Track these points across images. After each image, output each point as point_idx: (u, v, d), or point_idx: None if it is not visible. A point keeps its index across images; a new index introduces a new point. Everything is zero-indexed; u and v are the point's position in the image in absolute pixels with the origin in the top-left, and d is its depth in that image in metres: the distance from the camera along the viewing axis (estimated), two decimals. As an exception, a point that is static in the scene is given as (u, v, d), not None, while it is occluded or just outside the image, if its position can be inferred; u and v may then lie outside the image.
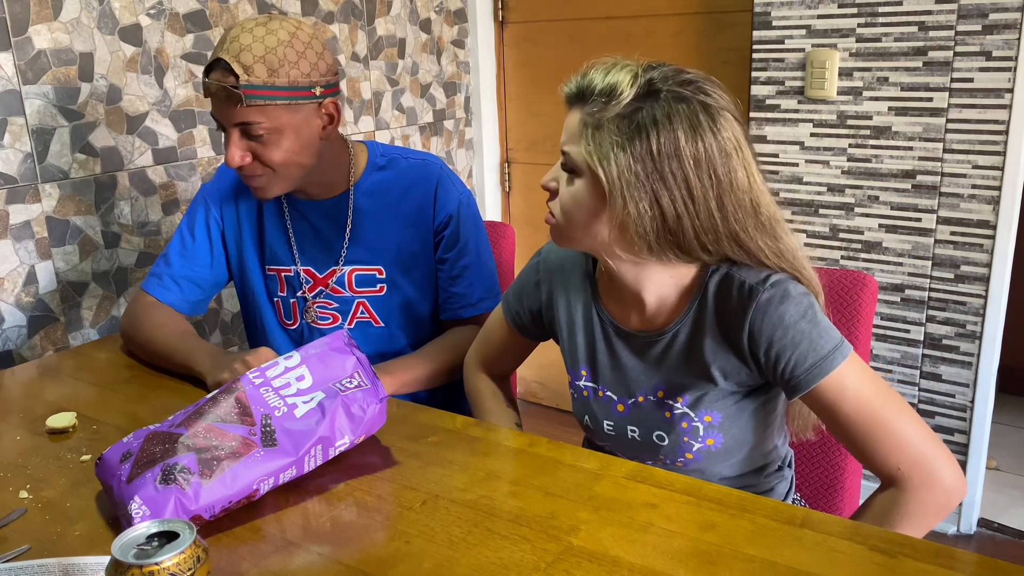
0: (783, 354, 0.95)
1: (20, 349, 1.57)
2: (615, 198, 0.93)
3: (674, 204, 0.93)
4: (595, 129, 0.94)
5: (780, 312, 0.95)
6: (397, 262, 1.39)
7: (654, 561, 0.79)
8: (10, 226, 1.53)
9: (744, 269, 0.99)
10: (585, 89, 0.97)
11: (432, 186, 1.39)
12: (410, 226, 1.39)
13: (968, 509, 2.12)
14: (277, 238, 1.41)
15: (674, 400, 1.04)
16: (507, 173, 2.81)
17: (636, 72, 0.94)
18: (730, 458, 1.06)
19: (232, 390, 0.96)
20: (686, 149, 0.91)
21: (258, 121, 1.20)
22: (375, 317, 1.41)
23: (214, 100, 1.22)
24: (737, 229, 0.95)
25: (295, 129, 1.24)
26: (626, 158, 0.92)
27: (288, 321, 1.43)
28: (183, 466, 0.86)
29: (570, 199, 0.98)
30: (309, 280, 1.40)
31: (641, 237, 0.94)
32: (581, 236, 1.00)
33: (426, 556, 0.82)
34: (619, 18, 2.45)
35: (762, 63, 2.10)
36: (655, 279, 1.02)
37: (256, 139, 1.22)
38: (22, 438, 1.11)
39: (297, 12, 2.02)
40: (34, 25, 1.52)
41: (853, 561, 0.78)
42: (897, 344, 2.09)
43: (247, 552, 0.84)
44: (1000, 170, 1.87)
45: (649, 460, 1.08)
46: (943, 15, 1.84)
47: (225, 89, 1.18)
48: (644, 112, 0.92)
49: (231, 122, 1.21)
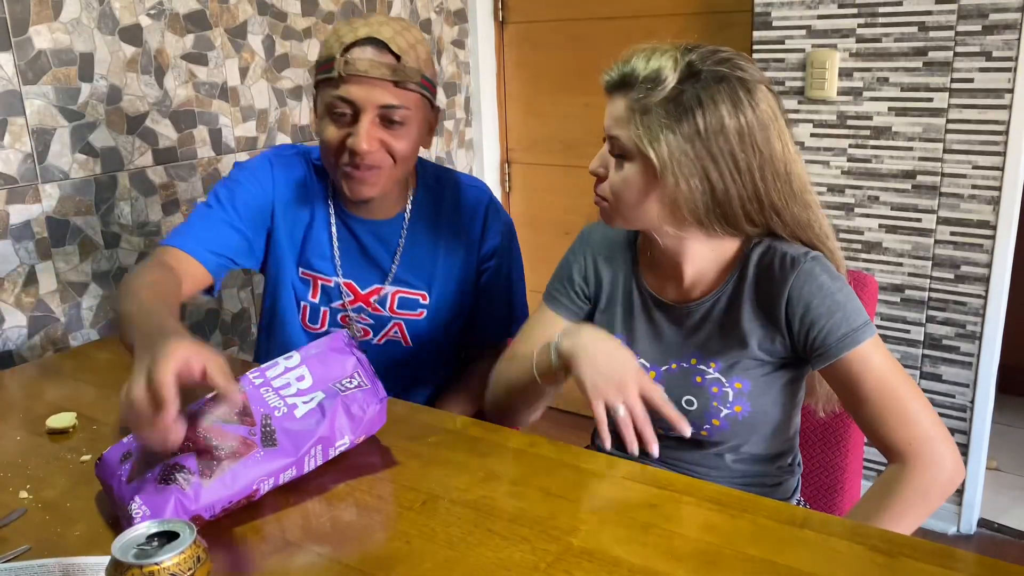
0: (817, 322, 1.01)
1: (20, 349, 1.57)
2: (667, 177, 0.99)
3: (722, 178, 0.99)
4: (643, 114, 0.98)
5: (820, 282, 1.01)
6: (442, 289, 1.39)
7: (654, 561, 0.79)
8: (10, 226, 1.53)
9: (785, 243, 1.05)
10: (629, 76, 1.01)
11: (481, 215, 1.40)
12: (456, 252, 1.39)
13: (968, 509, 2.12)
14: (320, 247, 1.36)
15: (706, 366, 1.09)
16: (507, 173, 2.81)
17: (676, 56, 0.99)
18: (754, 432, 1.09)
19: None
20: (730, 125, 0.97)
21: (404, 106, 1.20)
22: (406, 338, 1.40)
23: (354, 80, 1.17)
24: (775, 198, 1.01)
25: (418, 125, 1.25)
26: (676, 139, 0.97)
27: (313, 325, 1.40)
28: (183, 466, 0.86)
29: (621, 181, 1.03)
30: (350, 294, 1.37)
31: (691, 212, 1.00)
32: (632, 215, 1.05)
33: (426, 556, 0.82)
34: (619, 18, 2.45)
35: (762, 63, 2.09)
36: (698, 252, 1.07)
37: (391, 125, 1.21)
38: (22, 438, 1.10)
39: (297, 12, 2.02)
40: (34, 25, 1.52)
41: (853, 561, 0.78)
42: (897, 344, 2.09)
43: (247, 552, 0.84)
44: (1000, 170, 1.87)
45: (673, 431, 1.09)
46: (943, 15, 1.84)
47: (381, 67, 1.17)
48: (688, 94, 0.97)
49: (376, 102, 1.18)
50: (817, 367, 1.04)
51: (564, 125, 2.65)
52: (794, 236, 1.05)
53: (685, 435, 1.01)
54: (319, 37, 2.09)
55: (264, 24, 1.95)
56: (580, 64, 2.53)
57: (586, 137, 2.56)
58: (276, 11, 1.97)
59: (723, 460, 1.11)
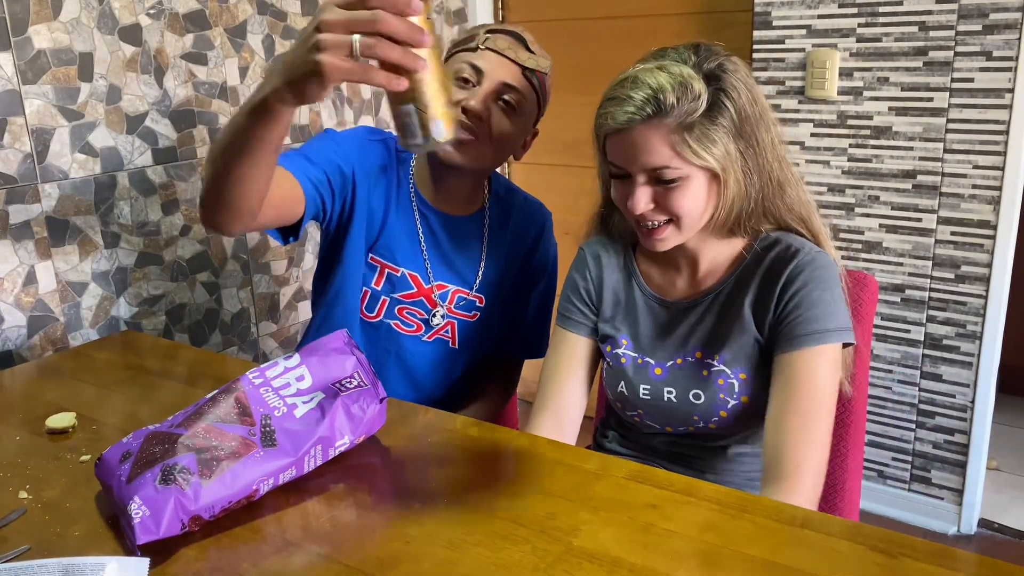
0: (798, 307, 1.03)
1: (20, 349, 1.57)
2: (728, 179, 1.02)
3: (759, 160, 1.03)
4: (688, 131, 0.98)
5: (817, 275, 1.03)
6: (497, 295, 1.43)
7: (654, 561, 0.79)
8: (10, 226, 1.53)
9: (792, 237, 1.08)
10: (661, 103, 0.98)
11: (539, 232, 1.47)
12: (515, 265, 1.45)
13: (968, 509, 2.12)
14: (396, 234, 1.37)
15: (711, 358, 1.09)
16: (507, 173, 2.81)
17: (685, 66, 1.00)
18: (756, 423, 1.09)
19: (232, 390, 0.96)
20: (751, 106, 1.02)
21: (522, 92, 1.29)
22: (455, 339, 1.42)
23: (491, 55, 1.27)
24: (786, 176, 1.06)
25: (522, 127, 1.33)
26: (728, 140, 1.00)
27: (370, 313, 1.39)
28: (183, 466, 0.86)
29: (683, 201, 1.02)
30: (413, 286, 1.38)
31: (742, 207, 1.04)
32: (696, 227, 1.06)
33: (426, 556, 0.82)
34: (619, 18, 2.44)
35: (762, 63, 2.09)
36: (714, 248, 1.10)
37: (505, 105, 1.28)
38: (22, 438, 1.10)
39: (297, 12, 2.02)
40: (34, 25, 1.52)
41: (853, 561, 0.78)
42: (897, 344, 2.09)
43: (247, 552, 0.84)
44: (1000, 170, 1.87)
45: (682, 427, 1.11)
46: (943, 15, 1.84)
47: (518, 51, 1.28)
48: (720, 95, 1.00)
49: (501, 78, 1.27)
50: (774, 350, 1.05)
51: (564, 125, 2.65)
52: (799, 221, 1.08)
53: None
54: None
55: (264, 24, 1.95)
56: (580, 64, 2.53)
57: (586, 137, 2.55)
58: (276, 11, 1.97)
59: (726, 454, 1.12)
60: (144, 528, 0.81)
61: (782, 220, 1.08)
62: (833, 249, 1.10)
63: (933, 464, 2.14)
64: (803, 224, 1.09)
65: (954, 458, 2.10)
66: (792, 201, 1.08)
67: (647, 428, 1.17)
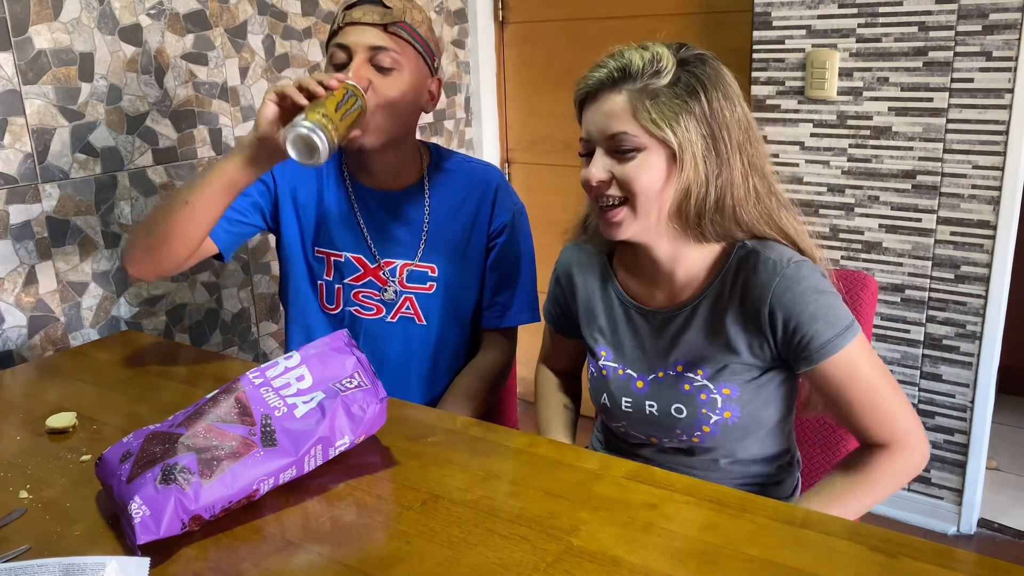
0: (800, 329, 1.00)
1: (20, 349, 1.57)
2: (684, 160, 0.99)
3: (731, 158, 1.00)
4: (651, 99, 0.98)
5: (802, 289, 1.00)
6: (451, 262, 1.41)
7: (654, 561, 0.79)
8: (10, 226, 1.53)
9: (768, 247, 1.04)
10: (627, 68, 1.00)
11: (492, 193, 1.43)
12: (467, 229, 1.42)
13: (968, 509, 2.12)
14: (333, 221, 1.39)
15: (693, 373, 1.08)
16: (507, 173, 2.81)
17: (663, 47, 1.01)
18: (746, 436, 1.08)
19: (232, 390, 0.96)
20: (728, 108, 1.00)
21: (392, 48, 1.26)
22: (419, 314, 1.41)
23: (350, 28, 1.26)
24: (758, 186, 1.04)
25: (412, 81, 1.29)
26: (691, 120, 0.98)
27: (330, 306, 1.42)
28: (183, 466, 0.86)
29: (637, 171, 1.00)
30: (359, 268, 1.39)
31: (698, 202, 1.00)
32: (652, 208, 1.02)
33: (426, 556, 0.82)
34: (619, 18, 2.45)
35: (762, 63, 2.10)
36: (689, 256, 1.07)
37: (381, 71, 1.26)
38: (22, 438, 1.11)
39: (297, 12, 2.02)
40: (34, 25, 1.52)
41: (853, 561, 0.78)
42: (897, 344, 2.09)
43: (247, 552, 0.84)
44: (1000, 170, 1.87)
45: (665, 438, 1.11)
46: (943, 15, 1.84)
47: (371, 13, 1.25)
48: (689, 77, 0.99)
49: (366, 44, 1.25)
50: (801, 371, 1.04)
51: (564, 125, 2.65)
52: (779, 231, 1.06)
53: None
54: (319, 37, 2.09)
55: (264, 24, 1.95)
56: (580, 64, 2.51)
57: (586, 137, 2.55)
58: (276, 11, 1.97)
59: (719, 464, 1.11)
60: (144, 528, 0.81)
61: (755, 228, 1.04)
62: (815, 248, 1.07)
63: (933, 464, 2.14)
64: (781, 233, 1.05)
65: (954, 458, 2.10)
66: (769, 209, 1.04)
67: (633, 439, 1.16)
